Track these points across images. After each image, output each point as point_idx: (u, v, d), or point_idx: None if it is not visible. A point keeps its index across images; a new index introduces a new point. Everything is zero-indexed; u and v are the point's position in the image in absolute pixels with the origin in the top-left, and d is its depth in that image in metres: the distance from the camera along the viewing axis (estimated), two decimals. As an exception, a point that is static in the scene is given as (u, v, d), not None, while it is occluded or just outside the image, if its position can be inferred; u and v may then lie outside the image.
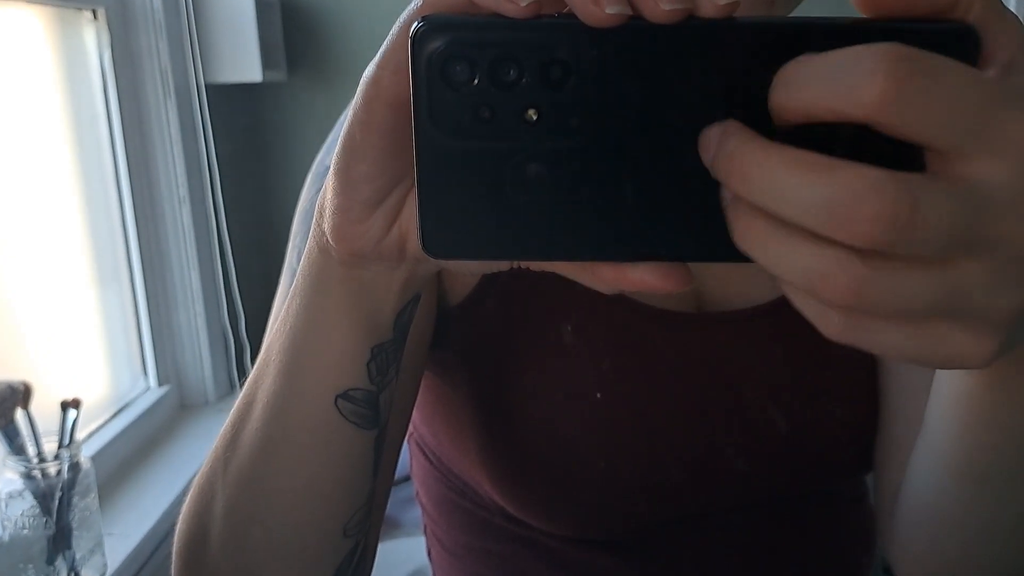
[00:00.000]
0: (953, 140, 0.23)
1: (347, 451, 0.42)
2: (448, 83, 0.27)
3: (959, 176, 0.24)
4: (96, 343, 1.22)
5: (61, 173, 1.15)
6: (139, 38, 1.27)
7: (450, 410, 0.56)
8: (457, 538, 0.62)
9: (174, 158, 1.30)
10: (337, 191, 0.33)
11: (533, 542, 0.58)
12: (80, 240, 1.19)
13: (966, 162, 0.24)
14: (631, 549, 0.57)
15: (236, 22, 1.38)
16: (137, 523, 1.02)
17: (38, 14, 1.11)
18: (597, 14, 0.25)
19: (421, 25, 0.27)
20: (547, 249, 0.29)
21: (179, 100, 1.30)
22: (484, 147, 0.28)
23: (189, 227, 1.33)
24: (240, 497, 0.43)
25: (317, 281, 0.39)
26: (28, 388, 0.80)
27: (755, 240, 0.25)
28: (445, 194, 0.28)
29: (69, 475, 0.80)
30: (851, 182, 0.23)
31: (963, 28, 0.26)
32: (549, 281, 0.51)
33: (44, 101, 1.12)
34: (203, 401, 1.39)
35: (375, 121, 0.31)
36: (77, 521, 0.81)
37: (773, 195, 0.24)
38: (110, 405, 1.22)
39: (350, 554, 0.45)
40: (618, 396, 0.52)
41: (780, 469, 0.55)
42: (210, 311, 1.38)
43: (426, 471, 0.63)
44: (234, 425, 0.43)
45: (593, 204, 0.28)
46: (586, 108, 0.27)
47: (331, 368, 0.40)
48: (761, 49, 0.26)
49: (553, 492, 0.53)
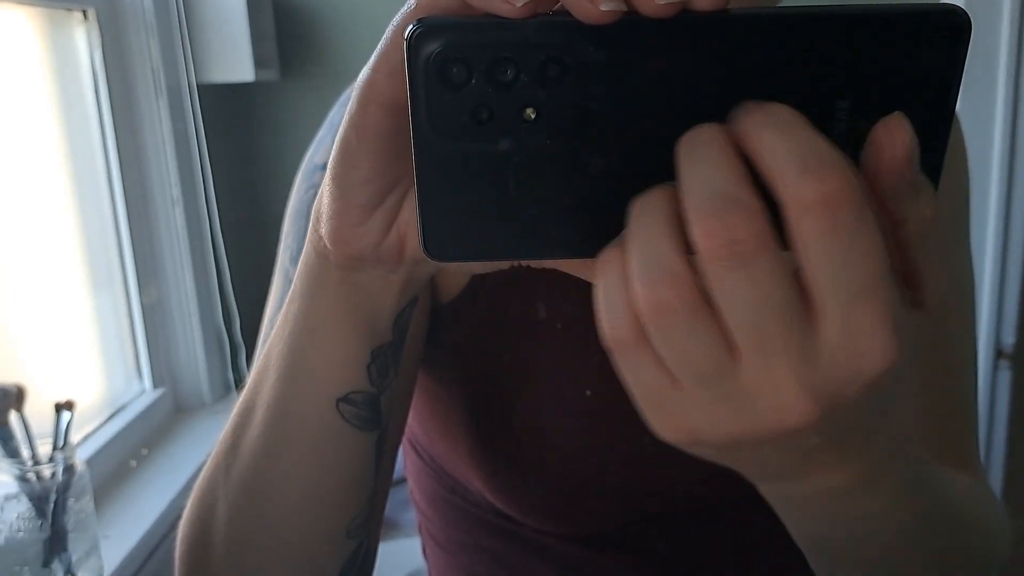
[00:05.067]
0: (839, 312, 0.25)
1: (349, 453, 0.42)
2: (445, 85, 0.27)
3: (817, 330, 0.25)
4: (90, 345, 1.21)
5: (53, 174, 1.15)
6: (130, 38, 1.26)
7: (441, 408, 0.56)
8: (450, 534, 0.62)
9: (166, 158, 1.30)
10: (334, 195, 0.33)
11: (524, 538, 0.58)
12: (73, 241, 1.18)
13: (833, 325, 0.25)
14: (622, 545, 0.57)
15: (228, 21, 1.37)
16: (133, 526, 1.02)
17: (28, 14, 1.11)
18: (592, 11, 0.25)
19: (417, 28, 0.27)
20: (548, 247, 0.29)
21: (171, 100, 1.29)
22: (483, 148, 0.28)
23: (182, 228, 1.32)
24: (242, 502, 0.43)
25: (315, 285, 0.39)
26: (22, 390, 0.80)
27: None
28: (445, 196, 0.28)
29: (64, 477, 0.79)
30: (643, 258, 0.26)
31: (952, 10, 0.26)
32: (539, 279, 0.51)
33: (35, 102, 1.12)
34: (199, 403, 1.38)
35: (371, 124, 0.31)
36: (72, 524, 0.81)
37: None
38: (105, 408, 1.22)
39: (353, 555, 0.45)
40: (608, 393, 0.52)
41: None
42: (204, 312, 1.38)
43: (419, 469, 0.63)
44: (234, 430, 0.43)
45: (593, 201, 0.28)
46: (584, 105, 0.27)
47: (331, 372, 0.40)
48: (755, 40, 0.26)
49: (543, 489, 0.54)
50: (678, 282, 0.25)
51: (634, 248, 0.26)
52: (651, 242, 0.26)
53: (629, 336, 0.27)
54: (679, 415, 0.28)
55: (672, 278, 0.25)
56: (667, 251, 0.26)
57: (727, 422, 0.27)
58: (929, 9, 0.26)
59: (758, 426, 0.27)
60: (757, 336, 0.25)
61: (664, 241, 0.26)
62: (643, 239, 0.26)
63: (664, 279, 0.25)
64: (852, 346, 0.25)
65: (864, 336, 0.25)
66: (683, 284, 0.25)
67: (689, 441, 0.28)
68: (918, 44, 0.26)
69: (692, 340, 0.26)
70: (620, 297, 0.27)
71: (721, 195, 0.25)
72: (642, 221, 0.26)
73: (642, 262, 0.26)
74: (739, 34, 0.26)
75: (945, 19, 0.26)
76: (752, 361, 0.26)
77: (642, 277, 0.26)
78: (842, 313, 0.25)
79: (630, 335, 0.27)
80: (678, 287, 0.25)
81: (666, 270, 0.25)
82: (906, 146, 0.26)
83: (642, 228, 0.26)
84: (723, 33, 0.26)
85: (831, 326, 0.25)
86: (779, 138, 0.25)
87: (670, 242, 0.26)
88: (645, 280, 0.26)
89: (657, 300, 0.25)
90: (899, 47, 0.26)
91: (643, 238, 0.26)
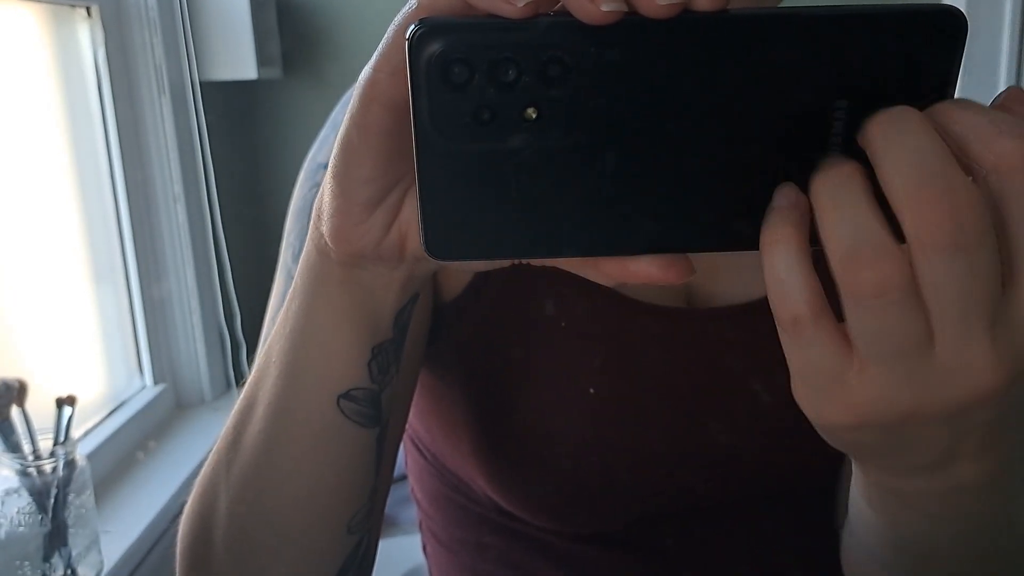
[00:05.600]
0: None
1: (350, 450, 0.42)
2: (447, 85, 0.27)
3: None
4: (92, 341, 1.22)
5: (56, 171, 1.15)
6: (133, 35, 1.26)
7: (443, 405, 0.56)
8: (451, 533, 0.62)
9: (169, 155, 1.30)
10: (335, 193, 0.34)
11: (527, 537, 0.58)
12: (75, 237, 1.19)
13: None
14: (626, 544, 0.57)
15: (231, 19, 1.37)
16: (133, 521, 1.02)
17: (32, 11, 1.11)
18: (593, 12, 0.26)
19: (418, 28, 0.27)
20: (550, 246, 0.29)
21: (174, 97, 1.29)
22: (485, 147, 0.28)
23: (184, 224, 1.32)
24: (244, 498, 0.43)
25: (316, 283, 0.39)
26: (23, 385, 0.80)
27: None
28: (447, 196, 0.29)
29: (64, 472, 0.80)
30: (863, 241, 0.25)
31: (948, 11, 0.26)
32: (541, 277, 0.52)
33: (38, 99, 1.12)
34: (199, 400, 1.39)
35: (373, 123, 0.31)
36: (73, 519, 0.81)
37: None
38: (106, 403, 1.22)
39: (354, 550, 0.45)
40: (611, 391, 0.52)
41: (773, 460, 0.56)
42: (206, 309, 1.38)
43: (420, 466, 0.63)
44: (235, 427, 0.43)
45: (594, 200, 0.28)
46: (585, 105, 0.27)
47: (332, 369, 0.40)
48: (755, 40, 0.26)
49: (546, 487, 0.54)
50: (897, 260, 0.25)
51: (841, 225, 0.26)
52: (860, 220, 0.25)
53: (807, 313, 0.27)
54: (850, 395, 0.27)
55: (891, 256, 0.25)
56: (879, 230, 0.25)
57: (908, 399, 0.27)
58: (926, 9, 0.26)
59: (943, 400, 0.26)
60: (962, 319, 0.25)
61: (873, 219, 0.25)
62: (850, 217, 0.26)
63: (884, 257, 0.25)
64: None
65: None
66: (902, 262, 0.25)
67: (855, 422, 0.28)
68: (915, 44, 0.26)
69: (902, 318, 0.25)
70: (798, 273, 0.27)
71: (939, 177, 0.24)
72: (842, 197, 0.26)
73: (855, 240, 0.25)
74: (738, 34, 0.26)
75: (941, 19, 0.26)
76: (949, 341, 0.26)
77: (857, 254, 0.25)
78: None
79: (808, 312, 0.27)
80: (898, 265, 0.25)
81: (884, 248, 0.25)
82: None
83: (846, 205, 0.26)
84: (723, 33, 0.26)
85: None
86: (971, 112, 0.25)
87: (879, 221, 0.25)
88: (863, 257, 0.25)
89: (877, 277, 0.25)
90: (896, 47, 0.26)
91: (850, 215, 0.26)
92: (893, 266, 0.25)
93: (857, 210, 0.26)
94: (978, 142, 0.25)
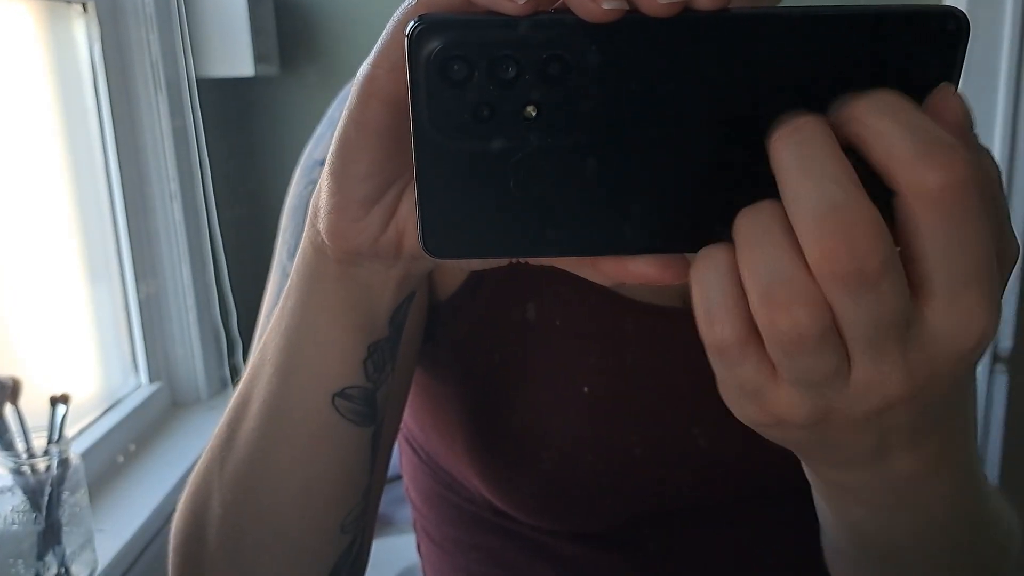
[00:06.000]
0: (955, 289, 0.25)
1: (344, 448, 0.42)
2: (446, 82, 0.27)
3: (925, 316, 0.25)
4: (87, 339, 1.21)
5: (51, 168, 1.15)
6: (130, 31, 1.26)
7: (438, 404, 0.56)
8: (446, 532, 0.62)
9: (165, 153, 1.29)
10: (333, 190, 0.33)
11: (521, 536, 0.58)
12: (70, 235, 1.18)
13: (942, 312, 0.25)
14: (620, 543, 0.57)
15: (228, 15, 1.37)
16: (128, 520, 1.02)
17: (28, 7, 1.10)
18: (594, 10, 0.25)
19: (418, 24, 0.27)
20: (548, 245, 0.29)
21: (170, 94, 1.29)
22: (484, 145, 0.28)
23: (180, 222, 1.32)
24: (237, 496, 0.43)
25: (312, 280, 0.39)
26: (17, 383, 0.80)
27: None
28: (445, 194, 0.28)
29: (58, 471, 0.79)
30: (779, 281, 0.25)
31: (951, 12, 0.26)
32: (537, 276, 0.51)
33: (34, 95, 1.11)
34: (195, 398, 1.38)
35: (371, 120, 0.31)
36: (67, 517, 0.81)
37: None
38: (101, 402, 1.21)
39: (348, 549, 0.45)
40: (606, 390, 0.52)
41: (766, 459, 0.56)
42: (201, 307, 1.37)
43: (415, 466, 0.63)
44: (230, 424, 0.43)
45: (593, 199, 0.28)
46: (585, 104, 0.27)
47: (328, 367, 0.40)
48: (757, 40, 0.26)
49: (540, 487, 0.54)
50: (812, 303, 0.25)
51: (757, 261, 0.25)
52: (777, 258, 0.25)
53: (734, 339, 0.27)
54: (771, 404, 0.28)
55: (806, 300, 0.25)
56: (797, 271, 0.25)
57: (822, 407, 0.27)
58: (928, 10, 0.26)
59: (856, 407, 0.27)
60: (874, 344, 0.25)
61: (789, 257, 0.25)
62: (767, 257, 0.25)
63: (798, 301, 0.25)
64: (955, 325, 0.25)
65: (968, 314, 0.25)
66: (820, 308, 0.25)
67: (773, 424, 0.28)
68: (917, 45, 0.26)
69: (819, 356, 0.26)
70: (728, 300, 0.26)
71: (840, 209, 0.24)
72: (760, 236, 0.25)
73: (771, 281, 0.25)
74: (739, 34, 0.26)
75: (944, 20, 0.26)
76: (864, 363, 0.26)
77: (773, 296, 0.25)
78: (951, 296, 0.25)
79: (735, 338, 0.27)
80: (813, 309, 0.25)
81: (799, 292, 0.25)
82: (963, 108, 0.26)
83: (764, 244, 0.25)
84: (724, 33, 0.26)
85: (938, 310, 0.25)
86: (894, 125, 0.24)
87: (797, 259, 0.25)
88: (778, 301, 0.25)
89: (792, 323, 0.25)
90: (898, 48, 0.26)
91: (767, 256, 0.25)
92: (807, 310, 0.25)
93: (775, 251, 0.25)
94: (897, 164, 0.24)
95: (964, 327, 0.25)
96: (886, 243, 0.24)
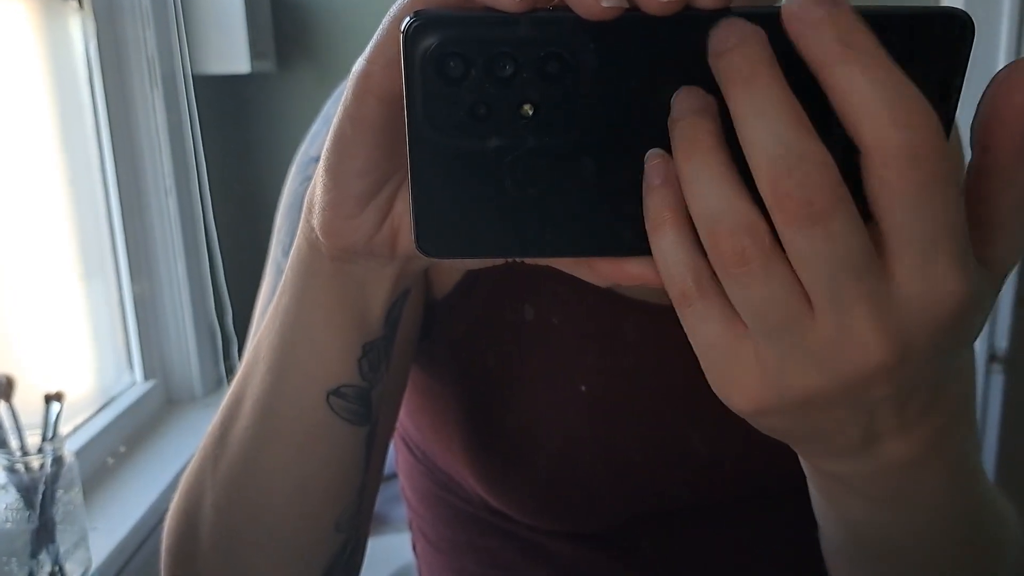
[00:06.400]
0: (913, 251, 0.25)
1: (339, 447, 0.42)
2: (442, 79, 0.26)
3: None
4: (81, 336, 1.21)
5: (46, 164, 1.14)
6: (125, 27, 1.25)
7: (434, 403, 0.56)
8: (441, 532, 0.62)
9: (160, 149, 1.29)
10: (328, 187, 0.33)
11: (517, 536, 0.58)
12: (65, 231, 1.18)
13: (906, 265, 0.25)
14: (617, 544, 0.57)
15: (224, 12, 1.36)
16: (122, 518, 1.02)
17: (23, 3, 1.10)
18: (593, 7, 0.25)
19: (413, 20, 0.26)
20: (544, 245, 0.29)
21: (166, 91, 1.28)
22: (480, 144, 0.27)
23: (175, 219, 1.32)
24: (230, 495, 0.43)
25: (306, 277, 0.38)
26: (11, 381, 0.80)
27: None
28: (440, 192, 0.28)
29: (52, 469, 0.79)
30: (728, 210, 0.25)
31: (955, 14, 0.26)
32: (533, 275, 0.51)
33: (29, 91, 1.11)
34: (190, 396, 1.38)
35: (366, 116, 0.30)
36: (61, 515, 0.80)
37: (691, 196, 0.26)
38: (96, 399, 1.21)
39: (342, 549, 0.45)
40: (603, 389, 0.52)
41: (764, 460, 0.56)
42: (197, 304, 1.37)
43: (411, 465, 0.63)
44: (223, 423, 0.43)
45: (591, 199, 0.28)
46: (583, 102, 0.27)
47: (322, 365, 0.40)
48: None
49: (537, 487, 0.53)
50: (755, 231, 0.25)
51: (700, 197, 0.25)
52: (720, 193, 0.25)
53: (694, 289, 0.27)
54: (748, 376, 0.28)
55: (749, 227, 0.25)
56: (738, 201, 0.25)
57: (799, 377, 0.27)
58: (932, 12, 0.26)
59: (832, 377, 0.26)
60: (833, 289, 0.25)
61: (731, 191, 0.25)
62: (708, 189, 0.25)
63: (741, 228, 0.25)
64: (926, 290, 0.25)
65: (939, 280, 0.25)
66: (761, 233, 0.25)
67: (757, 406, 0.28)
68: (920, 47, 0.26)
69: (769, 288, 0.25)
70: (681, 251, 0.27)
71: (791, 150, 0.24)
72: (700, 169, 0.26)
73: (713, 212, 0.25)
74: None
75: (948, 22, 0.26)
76: (827, 313, 0.26)
77: (716, 227, 0.25)
78: (918, 258, 0.25)
79: (695, 287, 0.27)
80: (755, 236, 0.25)
81: (741, 220, 0.25)
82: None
83: (706, 178, 0.25)
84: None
85: (906, 271, 0.25)
86: (864, 77, 0.24)
87: (738, 189, 0.25)
88: (721, 230, 0.25)
89: (735, 248, 0.25)
90: (901, 50, 0.26)
91: (708, 188, 0.25)
92: (750, 237, 0.25)
93: (717, 184, 0.25)
94: (865, 122, 0.24)
95: (936, 293, 0.25)
96: (834, 179, 0.24)
